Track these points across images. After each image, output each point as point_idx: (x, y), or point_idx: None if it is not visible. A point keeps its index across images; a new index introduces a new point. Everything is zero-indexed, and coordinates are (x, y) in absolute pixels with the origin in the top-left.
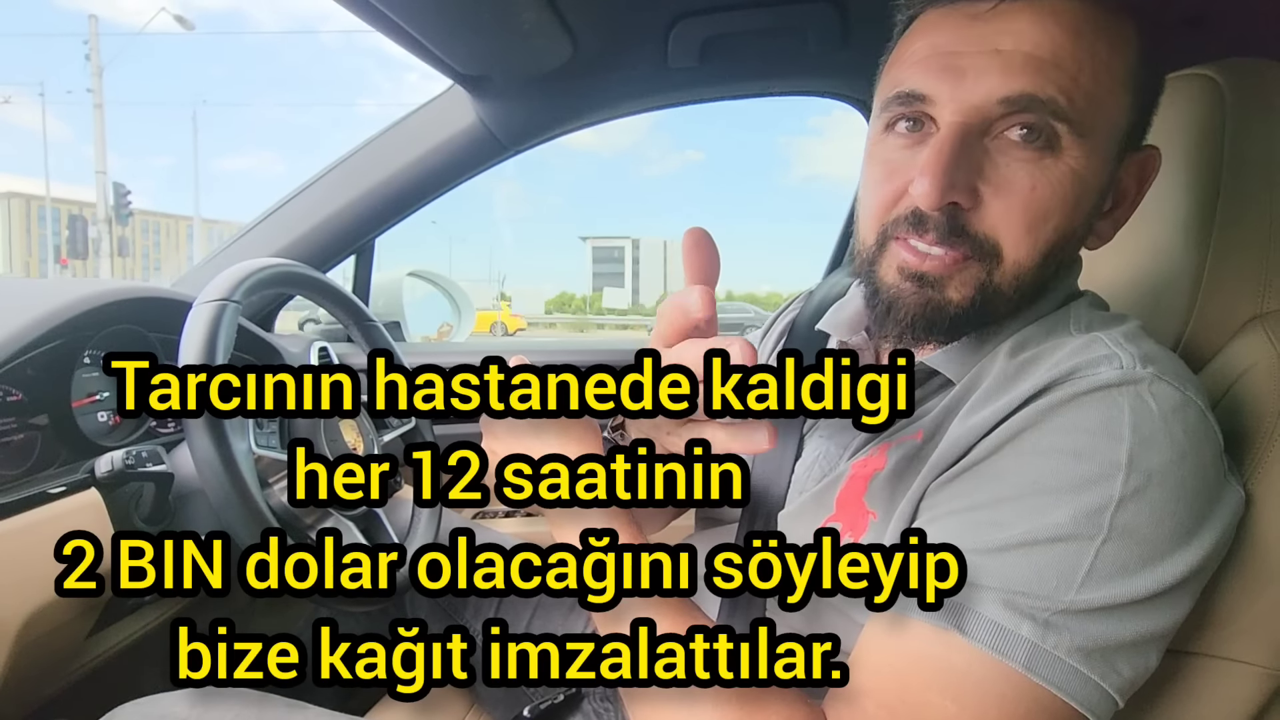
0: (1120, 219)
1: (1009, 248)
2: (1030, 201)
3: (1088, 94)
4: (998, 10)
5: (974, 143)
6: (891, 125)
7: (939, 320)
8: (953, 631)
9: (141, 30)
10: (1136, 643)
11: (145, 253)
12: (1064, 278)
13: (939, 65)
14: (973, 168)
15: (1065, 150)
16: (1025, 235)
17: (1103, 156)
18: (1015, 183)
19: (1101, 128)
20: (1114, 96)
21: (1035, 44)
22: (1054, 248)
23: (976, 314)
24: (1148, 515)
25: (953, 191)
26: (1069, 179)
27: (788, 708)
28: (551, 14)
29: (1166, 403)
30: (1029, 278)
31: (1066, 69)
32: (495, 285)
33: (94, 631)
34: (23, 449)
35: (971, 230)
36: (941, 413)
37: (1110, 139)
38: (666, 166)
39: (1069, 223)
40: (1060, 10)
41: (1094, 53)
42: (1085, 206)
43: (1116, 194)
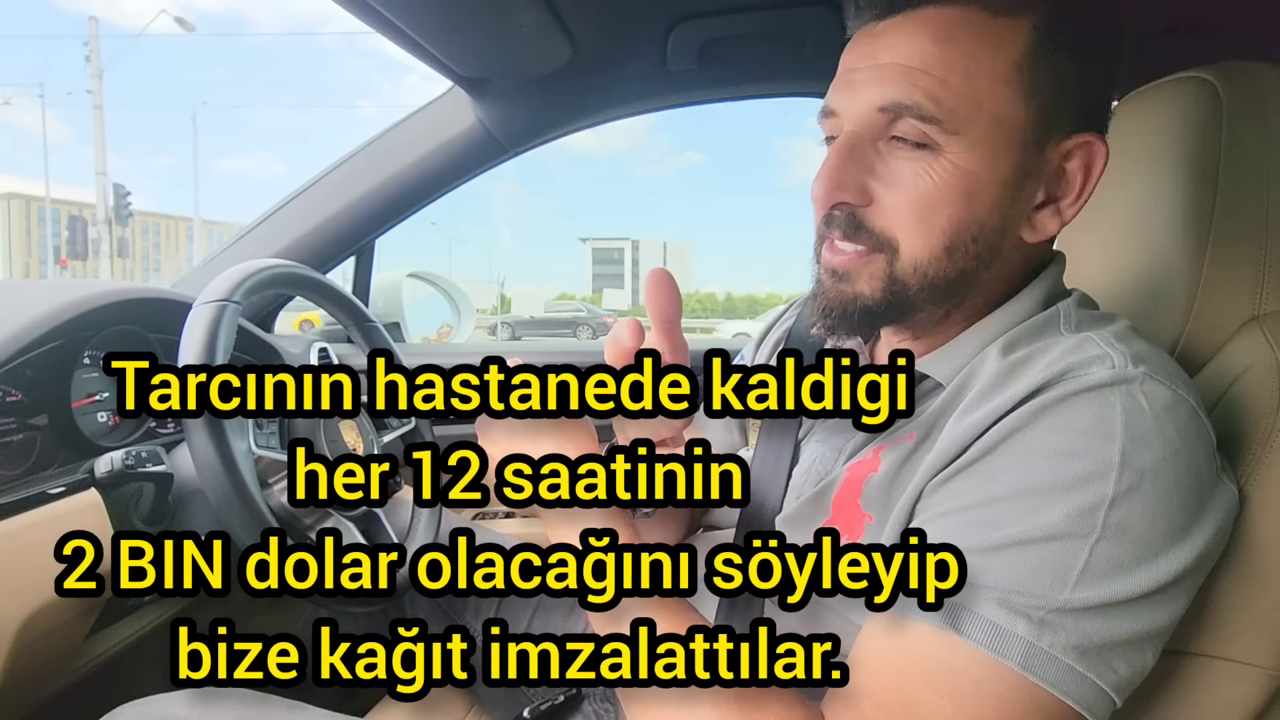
0: (1066, 212)
1: (904, 240)
2: (916, 196)
3: (958, 93)
4: (885, 27)
5: (864, 148)
6: (826, 140)
7: (852, 311)
8: (949, 631)
9: (142, 32)
10: (1132, 641)
11: (145, 254)
12: (1013, 275)
13: (842, 82)
14: (863, 169)
15: (944, 148)
16: (917, 228)
17: (995, 150)
18: (902, 180)
19: (981, 123)
20: (994, 93)
21: (906, 55)
22: (955, 239)
23: (888, 305)
24: (1141, 513)
25: (840, 191)
26: (953, 173)
27: (786, 709)
28: (551, 16)
29: (1158, 401)
30: (933, 269)
31: (935, 73)
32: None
33: (93, 632)
34: (22, 449)
35: (869, 225)
36: (933, 414)
37: (1000, 133)
38: (665, 168)
39: (967, 214)
40: (932, 19)
41: (968, 54)
42: (987, 199)
43: (1055, 185)
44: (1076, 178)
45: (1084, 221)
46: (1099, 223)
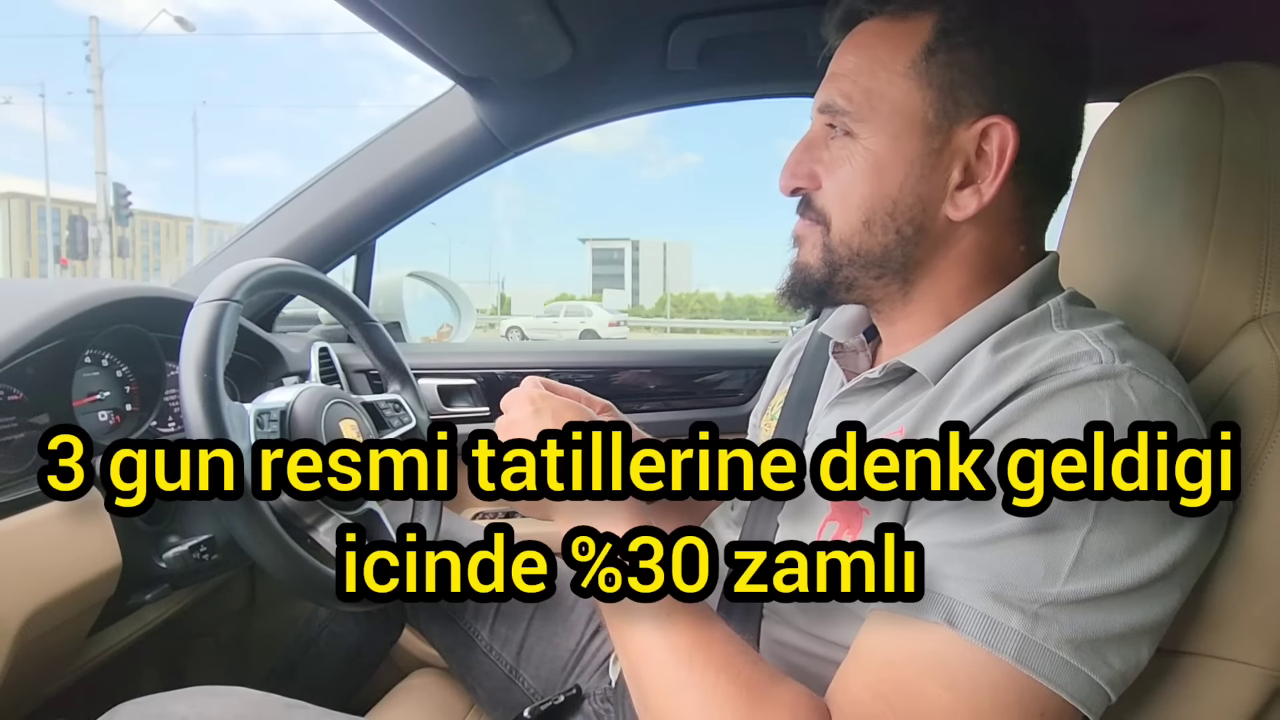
0: (985, 189)
1: (834, 216)
2: (840, 177)
3: (864, 89)
4: (837, 47)
5: (817, 141)
6: None
7: (800, 278)
8: (944, 626)
9: (142, 32)
10: (1126, 635)
11: (145, 253)
12: (968, 261)
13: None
14: (813, 159)
15: (858, 135)
16: (840, 204)
17: (896, 134)
18: (834, 165)
19: (882, 110)
20: (893, 85)
21: (837, 65)
22: (871, 214)
23: (828, 274)
24: (1132, 505)
25: (793, 179)
26: (864, 155)
27: (793, 697)
28: (551, 16)
29: (1146, 395)
30: (856, 241)
31: (847, 75)
32: (495, 286)
33: (94, 631)
34: (23, 448)
35: (815, 204)
36: (921, 410)
37: (900, 118)
38: (665, 169)
39: (878, 190)
40: (855, 34)
41: (873, 57)
42: (895, 177)
43: (971, 167)
44: (993, 158)
45: (1084, 221)
46: (1099, 223)
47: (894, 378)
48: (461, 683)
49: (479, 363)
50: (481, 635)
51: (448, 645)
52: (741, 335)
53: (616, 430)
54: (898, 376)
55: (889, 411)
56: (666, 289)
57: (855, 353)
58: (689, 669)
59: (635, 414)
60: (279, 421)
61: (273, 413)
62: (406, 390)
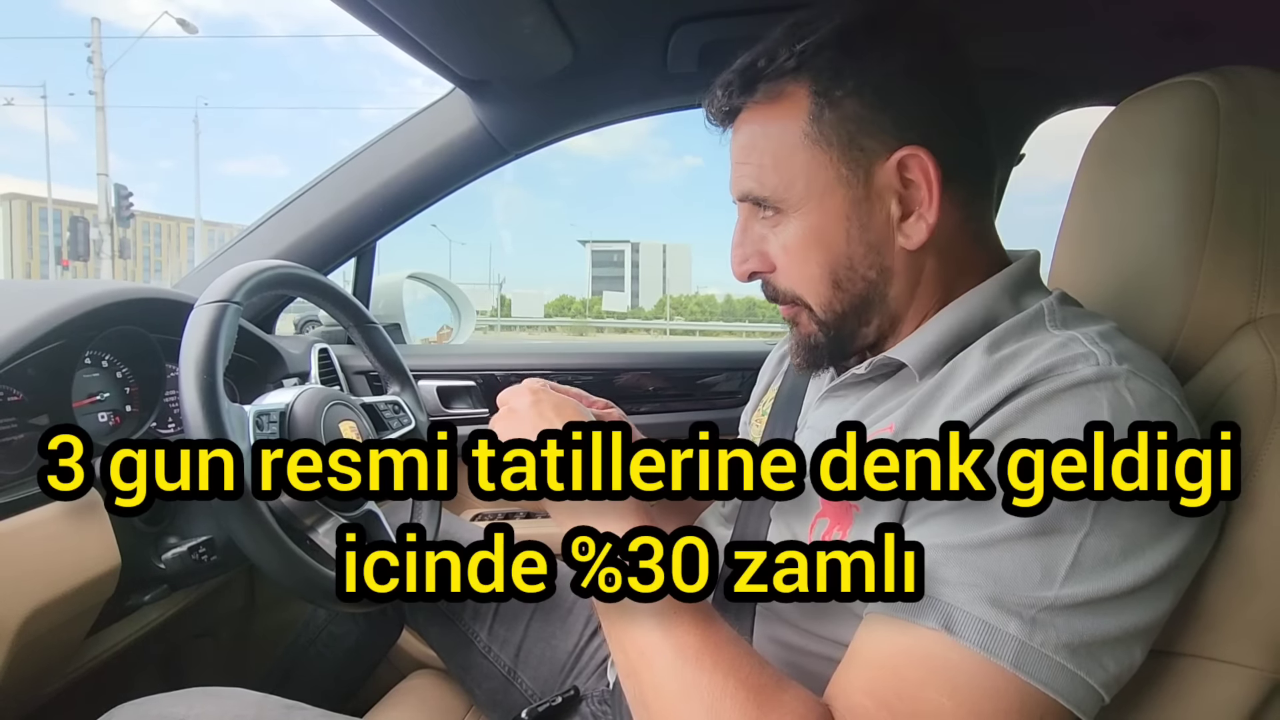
0: (927, 214)
1: (805, 294)
2: (790, 259)
3: (773, 168)
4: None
5: (751, 225)
6: None
7: (812, 347)
8: (941, 631)
9: (143, 34)
10: (1121, 638)
11: (147, 254)
12: (937, 279)
13: None
14: (755, 241)
15: (787, 212)
16: (803, 279)
17: (817, 198)
18: (775, 246)
19: (796, 183)
20: (795, 157)
21: (736, 153)
22: (834, 274)
23: (832, 340)
24: (1129, 508)
25: (745, 267)
26: (801, 228)
27: (800, 703)
28: (551, 19)
29: (1143, 398)
30: (836, 303)
31: (752, 162)
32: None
33: (92, 632)
34: (23, 449)
35: (780, 289)
36: (913, 407)
37: (813, 183)
38: (666, 172)
39: (829, 254)
40: (740, 122)
41: (766, 138)
42: (838, 235)
43: (906, 198)
44: (921, 185)
45: (1081, 225)
46: (1096, 226)
47: (881, 372)
48: (460, 684)
49: (478, 364)
50: (480, 636)
51: (446, 646)
52: (741, 337)
53: (616, 430)
54: (885, 371)
55: (878, 406)
56: (666, 291)
57: None
58: (696, 671)
59: (634, 415)
60: (278, 423)
61: (272, 414)
62: (406, 392)
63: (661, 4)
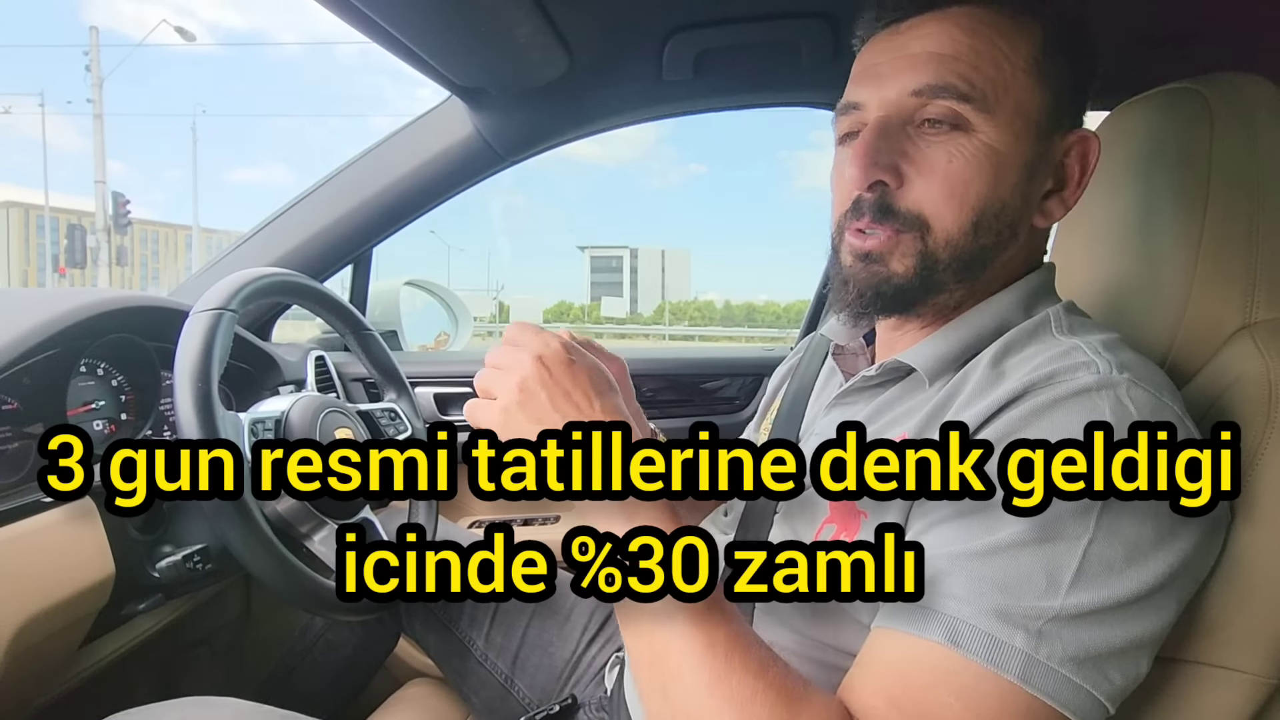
0: (1069, 199)
1: (934, 217)
2: (948, 174)
3: (989, 78)
4: (911, 24)
5: (896, 131)
6: (842, 139)
7: (886, 290)
8: (948, 646)
9: (141, 42)
10: (1126, 649)
11: (144, 262)
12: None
13: (866, 76)
14: (895, 151)
15: (976, 128)
16: (947, 204)
17: (1017, 133)
18: (934, 160)
19: (1008, 106)
20: (1016, 80)
21: (938, 44)
22: (981, 215)
23: (920, 282)
24: (1132, 515)
25: (875, 170)
26: (983, 151)
27: (825, 706)
28: (547, 27)
29: (1144, 406)
30: (961, 243)
31: (966, 59)
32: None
33: (86, 642)
34: (17, 458)
35: (898, 207)
36: (926, 415)
37: (1022, 117)
38: (669, 179)
39: (993, 192)
40: (959, 15)
41: (993, 44)
42: (1011, 178)
43: (1060, 176)
44: (1074, 169)
45: (1075, 231)
46: (1090, 232)
47: (891, 377)
48: (457, 692)
49: (476, 371)
50: (477, 644)
51: (443, 654)
52: (740, 342)
53: (616, 430)
54: (895, 376)
55: (888, 411)
56: (665, 296)
57: (855, 355)
58: (727, 671)
59: None
60: (274, 430)
61: (268, 421)
62: (403, 399)
63: (656, 13)
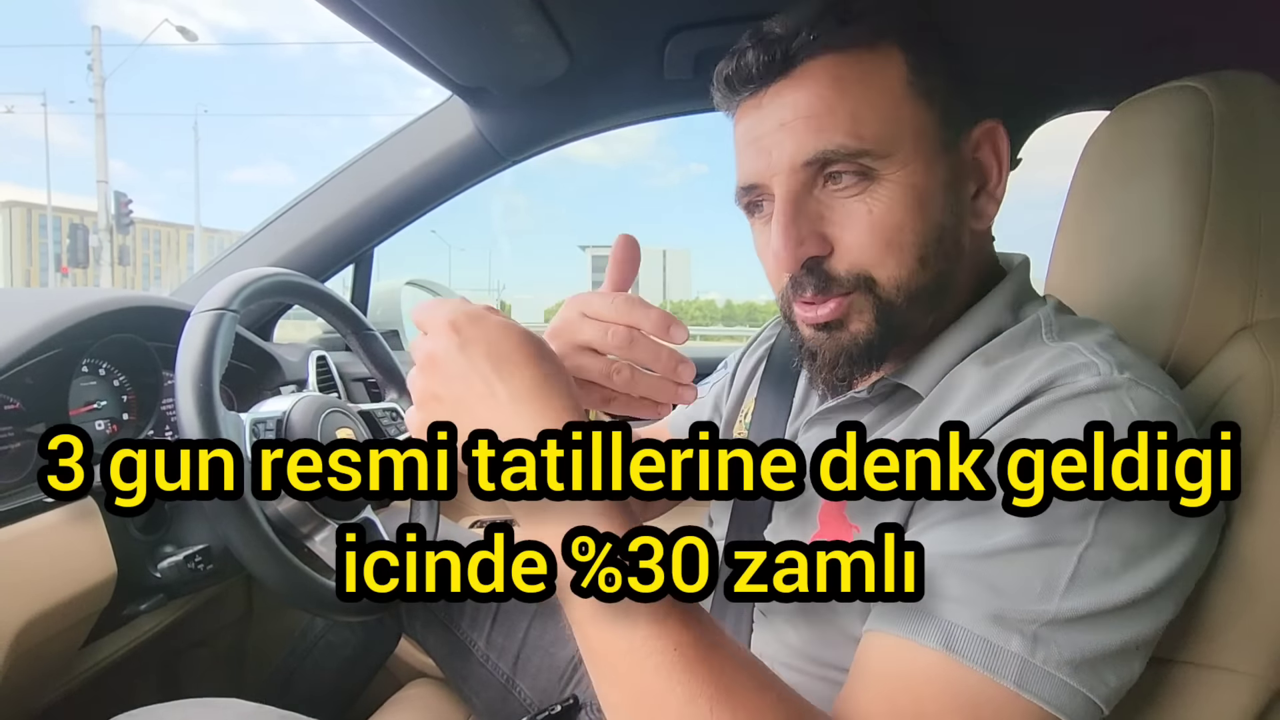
0: (996, 192)
1: (877, 270)
2: (874, 225)
3: (872, 123)
4: (772, 92)
5: (805, 201)
6: (751, 214)
7: (855, 351)
8: (943, 651)
9: (143, 42)
10: (1122, 651)
11: (146, 261)
12: (974, 267)
13: (751, 153)
14: (814, 221)
15: (881, 174)
16: (887, 253)
17: (925, 159)
18: (855, 216)
19: (903, 138)
20: (900, 109)
21: (809, 106)
22: (924, 250)
23: (886, 331)
24: (1130, 519)
25: (802, 248)
26: (900, 192)
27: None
28: (548, 27)
29: (1146, 407)
30: (914, 284)
31: (842, 114)
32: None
33: (88, 642)
34: (19, 458)
35: (837, 274)
36: (911, 425)
37: (919, 141)
38: (670, 179)
39: (925, 224)
40: (816, 70)
41: (863, 89)
42: (937, 203)
43: (980, 173)
44: (991, 162)
45: (1076, 231)
46: (1091, 232)
47: (882, 394)
48: (458, 693)
49: None
50: (478, 645)
51: (444, 655)
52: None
53: (616, 430)
54: (885, 392)
55: (877, 427)
56: (666, 296)
57: None
58: (730, 688)
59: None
60: (275, 430)
61: (269, 422)
62: (404, 398)
63: (657, 12)
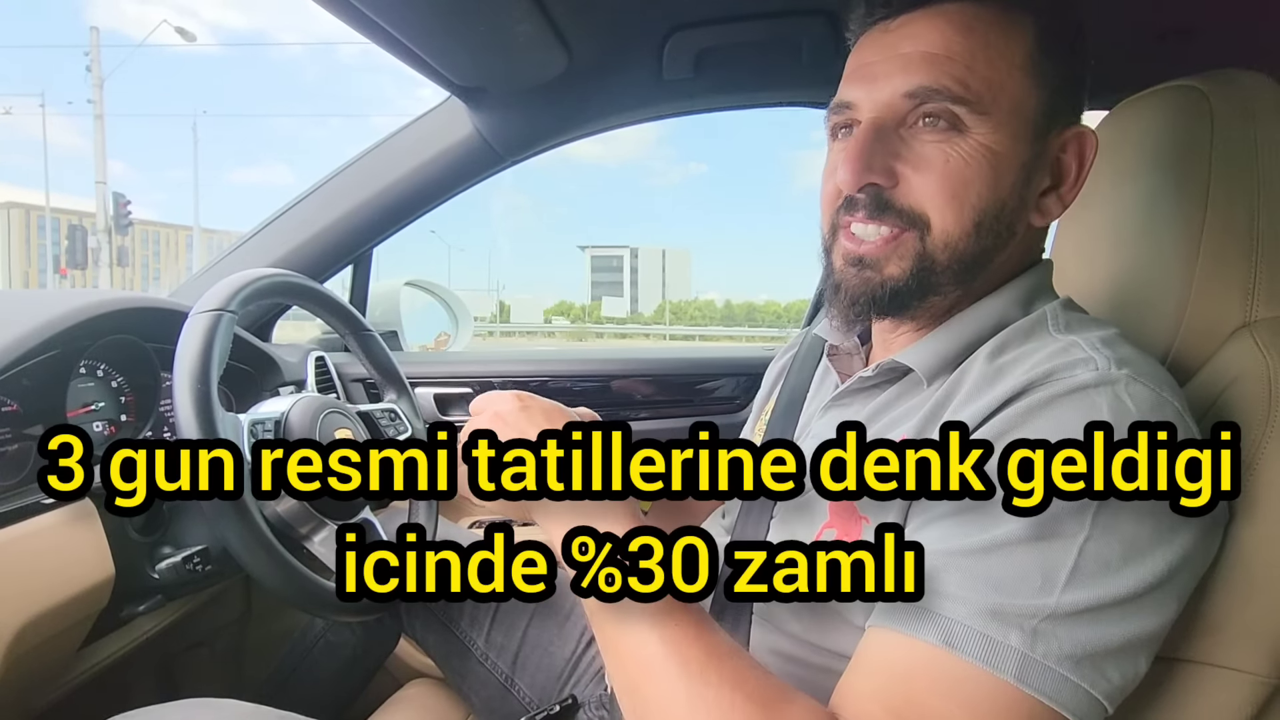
0: (1066, 197)
1: (935, 216)
2: (946, 173)
3: (984, 79)
4: (902, 21)
5: (889, 133)
6: (834, 134)
7: (880, 295)
8: (942, 647)
9: (142, 42)
10: (1125, 647)
11: (145, 262)
12: (1014, 262)
13: (858, 75)
14: (888, 153)
15: (971, 129)
16: (949, 203)
17: (1013, 132)
18: (931, 159)
19: (1003, 105)
20: (1012, 79)
21: (930, 43)
22: (982, 215)
23: (917, 284)
24: (1129, 512)
25: (869, 173)
26: (980, 152)
27: (807, 713)
28: (547, 26)
29: (1144, 402)
30: (962, 246)
31: (960, 59)
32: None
33: (86, 643)
34: (17, 459)
35: (897, 205)
36: (925, 415)
37: (1017, 116)
38: (670, 178)
39: (992, 193)
40: (950, 13)
41: (987, 43)
42: (1009, 178)
43: (1056, 172)
44: (1071, 166)
45: (1076, 229)
46: (1091, 231)
47: (889, 377)
48: (457, 692)
49: (476, 371)
50: (477, 644)
51: (443, 654)
52: (740, 342)
53: (616, 430)
54: (892, 376)
55: (886, 413)
56: (665, 296)
57: (850, 355)
58: (703, 685)
59: (634, 420)
60: (274, 431)
61: (267, 423)
62: (403, 399)
63: (656, 11)
